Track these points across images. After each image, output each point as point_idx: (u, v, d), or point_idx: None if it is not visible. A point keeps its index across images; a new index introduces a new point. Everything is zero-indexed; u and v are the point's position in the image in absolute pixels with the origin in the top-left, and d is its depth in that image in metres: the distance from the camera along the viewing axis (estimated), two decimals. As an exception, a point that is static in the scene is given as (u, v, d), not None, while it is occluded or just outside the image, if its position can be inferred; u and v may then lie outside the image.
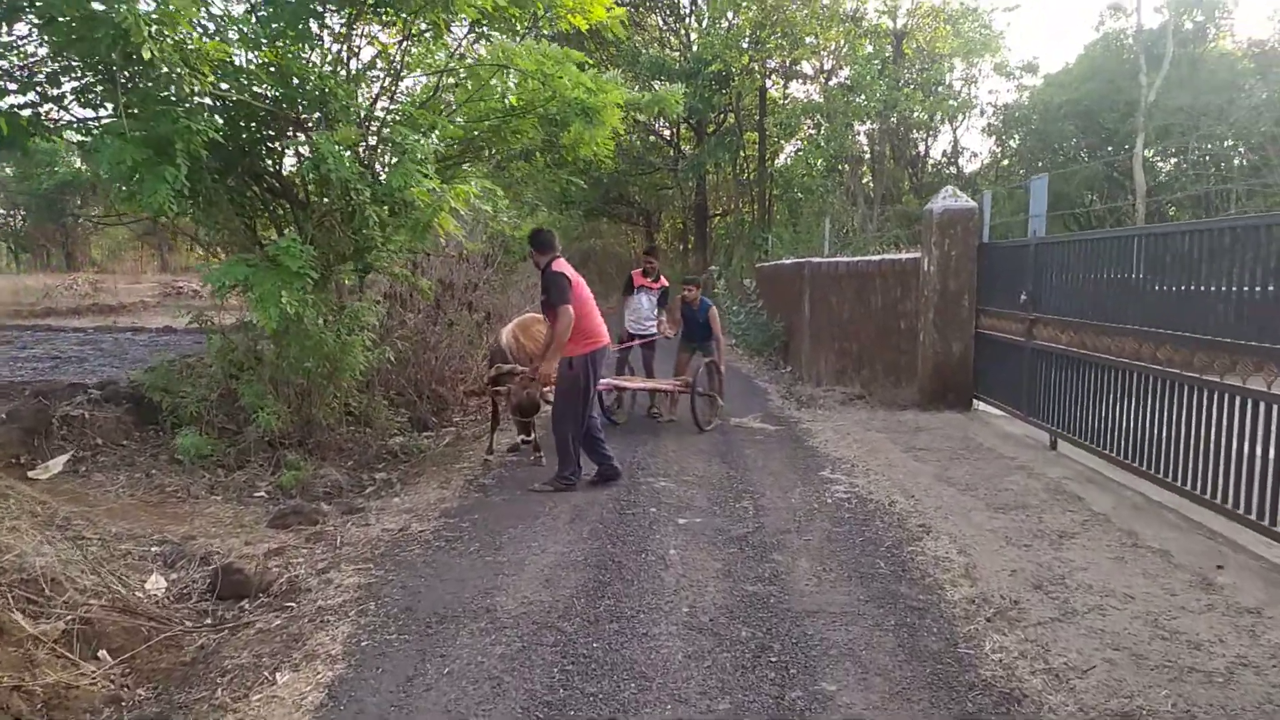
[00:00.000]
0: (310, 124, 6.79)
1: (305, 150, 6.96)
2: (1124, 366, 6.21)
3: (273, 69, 6.70)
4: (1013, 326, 8.27)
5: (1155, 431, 5.81)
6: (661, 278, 9.59)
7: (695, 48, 23.80)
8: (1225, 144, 22.78)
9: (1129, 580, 4.38)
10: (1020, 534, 5.17)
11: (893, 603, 4.20)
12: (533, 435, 7.15)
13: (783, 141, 25.20)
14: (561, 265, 6.32)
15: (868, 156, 26.34)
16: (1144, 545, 4.89)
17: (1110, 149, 24.93)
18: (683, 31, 26.66)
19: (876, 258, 11.17)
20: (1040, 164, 27.25)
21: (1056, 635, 3.78)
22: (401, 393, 9.91)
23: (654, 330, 9.46)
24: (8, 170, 36.83)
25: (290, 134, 7.08)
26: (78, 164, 9.94)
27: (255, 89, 6.67)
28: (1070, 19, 52.35)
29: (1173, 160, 26.45)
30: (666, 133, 29.94)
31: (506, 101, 8.53)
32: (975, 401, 9.30)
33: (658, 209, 33.72)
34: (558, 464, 6.42)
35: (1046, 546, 4.93)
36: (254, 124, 7.08)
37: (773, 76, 24.33)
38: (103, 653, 3.97)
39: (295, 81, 6.67)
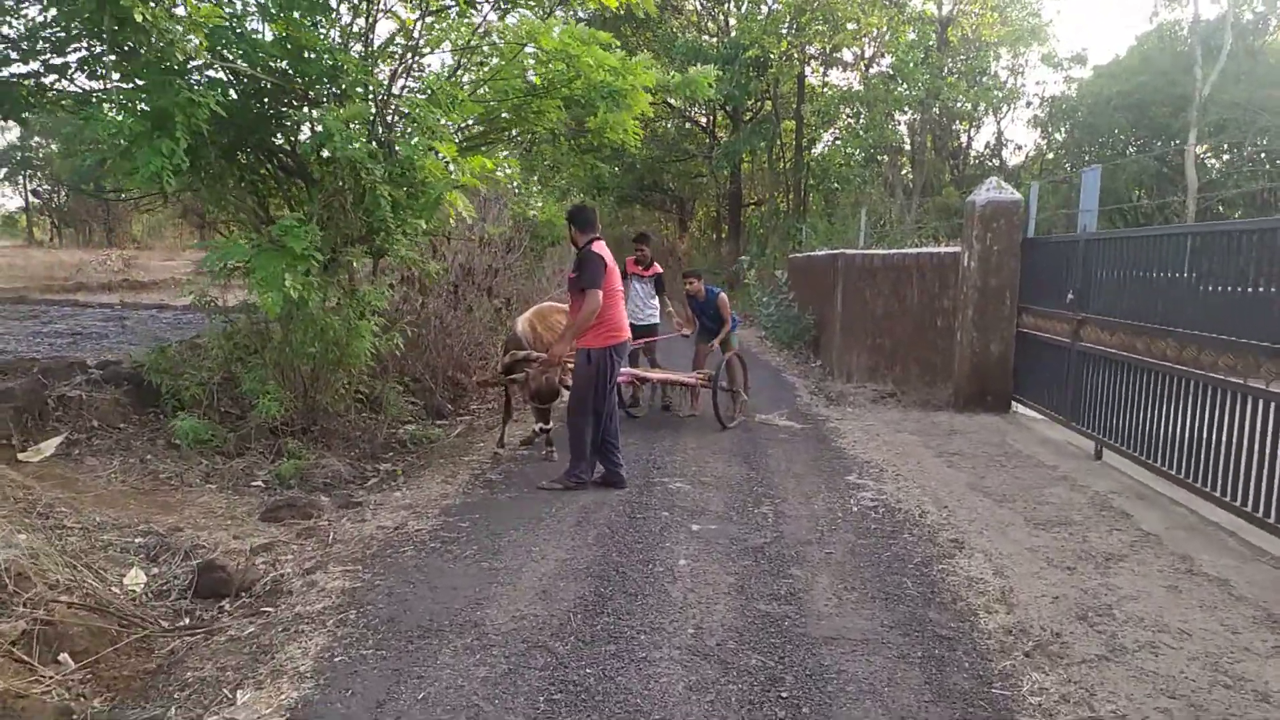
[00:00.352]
0: (321, 99, 6.49)
1: (319, 127, 6.68)
2: (1180, 374, 5.75)
3: (286, 41, 6.41)
4: (1057, 327, 7.81)
5: (1212, 445, 5.36)
6: (655, 264, 9.13)
7: (733, 33, 23.27)
8: (1283, 140, 21.88)
9: (1185, 614, 3.96)
10: (1063, 554, 4.75)
11: (920, 630, 3.82)
12: (550, 425, 6.85)
13: (820, 130, 24.61)
14: (600, 248, 5.95)
15: (908, 147, 25.73)
16: (1200, 573, 4.46)
17: (1161, 144, 24.12)
18: (720, 16, 26.13)
19: (914, 251, 10.71)
20: (1087, 158, 26.48)
21: (1103, 677, 3.38)
22: (418, 379, 9.64)
23: (654, 318, 9.09)
24: (52, 146, 37.24)
25: (299, 109, 6.79)
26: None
27: (266, 61, 6.38)
28: (1122, 9, 50.89)
29: (1225, 156, 25.56)
30: (702, 119, 29.47)
31: (530, 80, 8.19)
32: (1014, 404, 8.84)
33: (692, 197, 33.26)
34: (570, 460, 6.10)
35: (1092, 570, 4.51)
36: (265, 98, 6.81)
37: (812, 63, 23.77)
38: (64, 656, 3.69)
39: (306, 54, 6.38)
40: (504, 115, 8.59)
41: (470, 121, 8.88)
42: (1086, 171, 7.78)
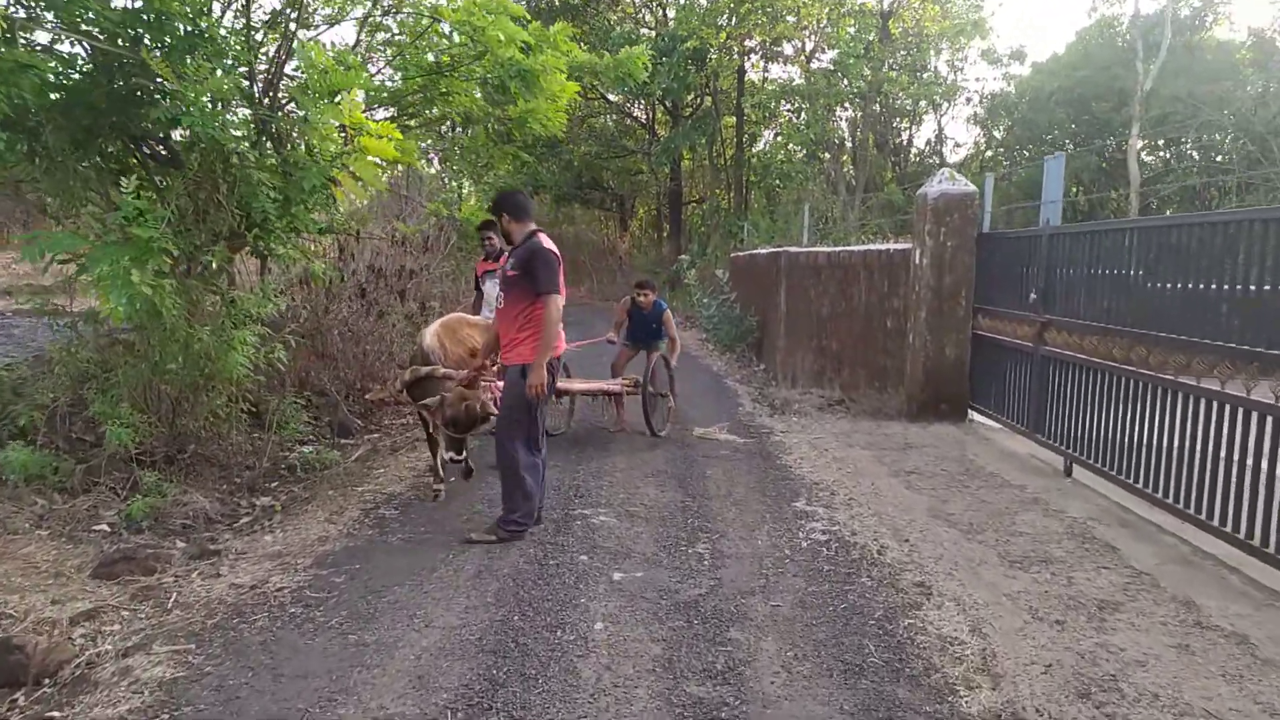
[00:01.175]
0: (187, 74, 5.52)
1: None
2: (1164, 384, 5.10)
3: (143, 9, 5.45)
4: (1019, 329, 7.16)
5: (1205, 466, 4.70)
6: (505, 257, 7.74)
7: (671, 24, 22.53)
8: (1223, 135, 21.81)
9: (1205, 684, 3.26)
10: (1048, 603, 4.04)
11: (888, 716, 3.06)
12: (462, 456, 5.75)
13: (761, 127, 24.00)
14: (549, 241, 4.97)
15: (849, 144, 25.25)
16: (1211, 625, 3.77)
17: (1101, 139, 23.96)
18: (658, 8, 25.37)
19: (860, 248, 10.04)
20: (1027, 154, 26.27)
21: (1126, 789, 2.65)
22: (324, 393, 8.70)
23: None
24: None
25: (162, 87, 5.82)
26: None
27: (119, 29, 5.41)
28: (1060, 5, 51.29)
29: (1163, 152, 25.54)
30: (641, 115, 28.70)
31: (437, 59, 7.32)
32: (970, 413, 8.19)
33: (632, 195, 32.46)
34: (504, 502, 4.96)
35: (1085, 624, 3.80)
36: (128, 76, 5.79)
37: (751, 56, 23.13)
38: None
39: (163, 21, 5.43)
40: (408, 97, 7.70)
41: (370, 107, 7.97)
42: (1049, 159, 7.14)
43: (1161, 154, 25.43)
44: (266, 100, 6.62)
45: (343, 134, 5.64)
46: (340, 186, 5.64)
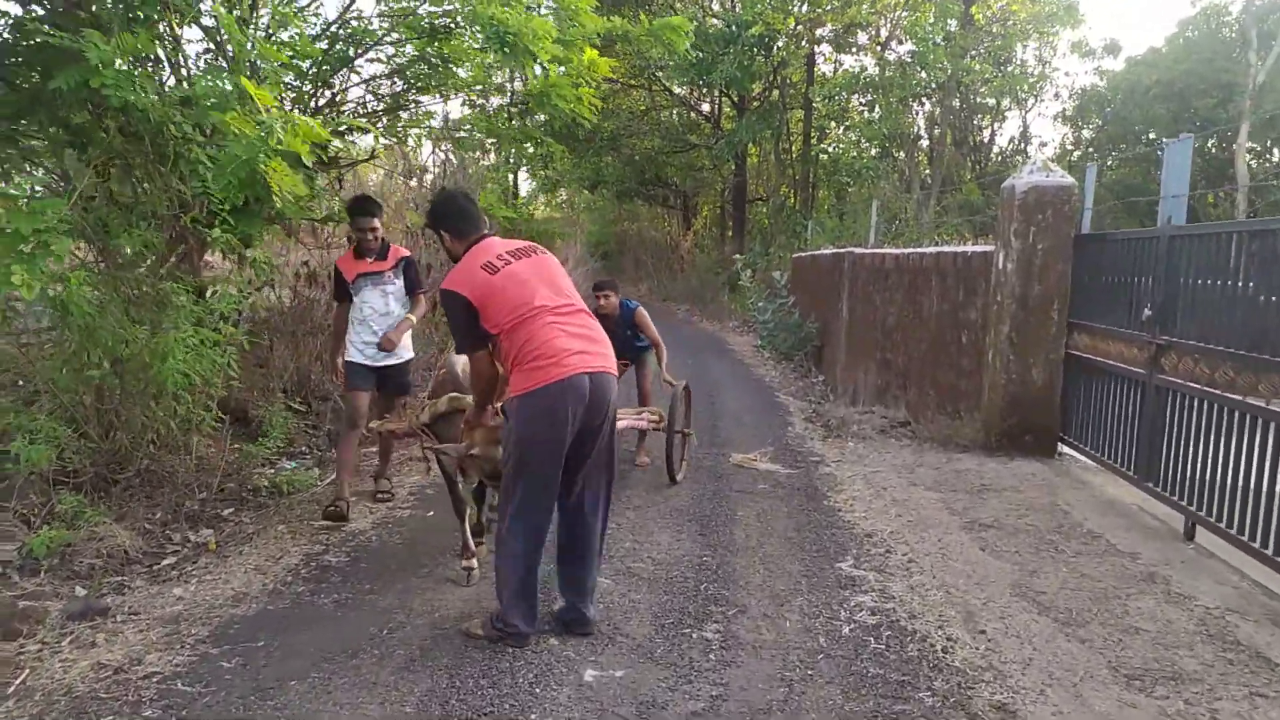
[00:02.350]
0: (104, 25, 4.61)
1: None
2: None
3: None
4: (1126, 352, 5.88)
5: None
6: (394, 248, 5.55)
7: (739, 7, 21.30)
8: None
9: None
10: (1188, 755, 2.85)
11: None
12: (482, 516, 4.52)
13: (830, 121, 22.64)
14: (465, 264, 3.60)
15: (925, 142, 23.77)
16: None
17: (1202, 137, 22.07)
18: (726, -6, 24.17)
19: (933, 250, 8.79)
20: (1119, 154, 24.45)
21: None
22: (326, 397, 7.85)
23: (396, 348, 5.45)
24: None
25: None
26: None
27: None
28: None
29: (1272, 153, 23.50)
30: (706, 107, 27.54)
31: (431, 23, 6.33)
32: (1061, 446, 6.91)
33: (695, 192, 31.32)
34: (497, 590, 3.60)
35: (1248, 802, 2.61)
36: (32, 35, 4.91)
37: (822, 45, 21.81)
38: None
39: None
40: (410, 69, 6.74)
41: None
42: (1171, 144, 5.83)
43: (1272, 155, 23.39)
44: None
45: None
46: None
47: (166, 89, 4.67)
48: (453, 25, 5.89)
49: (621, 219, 35.74)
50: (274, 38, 5.69)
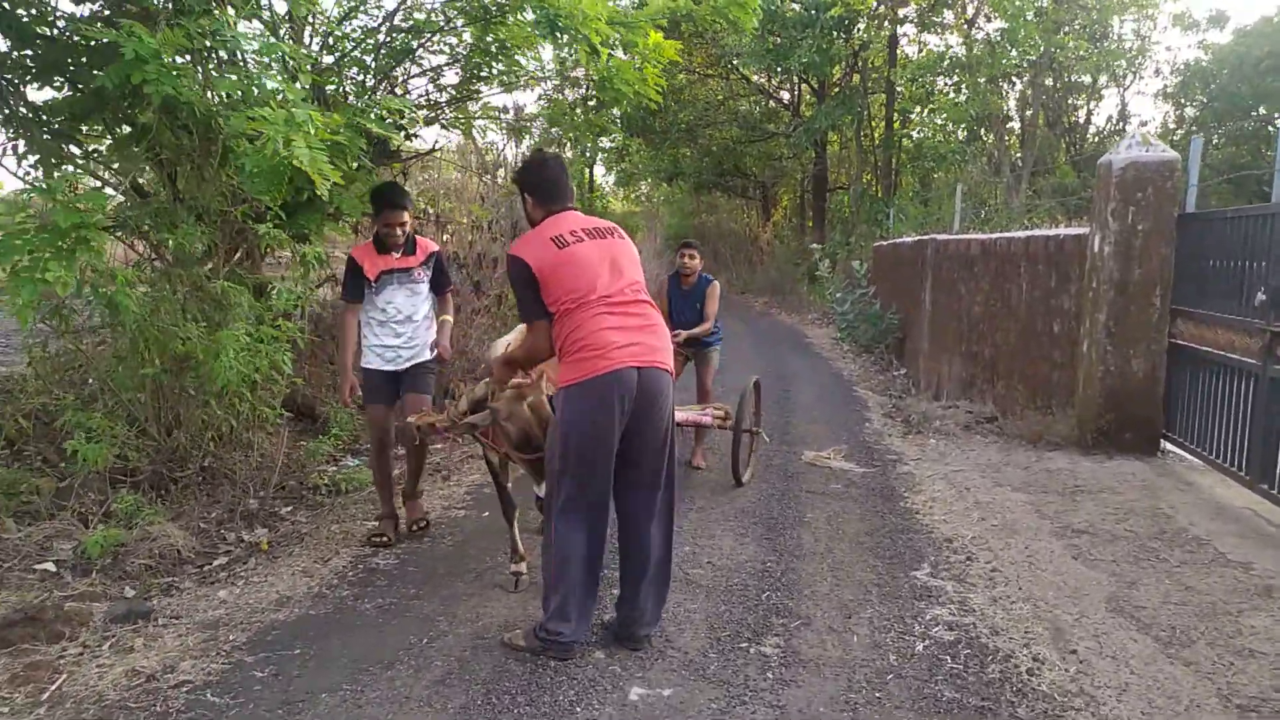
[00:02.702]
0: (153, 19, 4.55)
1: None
2: None
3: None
4: (1237, 340, 5.38)
5: None
6: (421, 240, 4.80)
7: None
8: None
9: None
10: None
11: None
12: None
13: (914, 104, 21.88)
14: (536, 233, 3.40)
15: (1016, 124, 22.77)
16: None
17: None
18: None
19: (1022, 234, 8.28)
20: (1224, 133, 23.07)
21: None
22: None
23: (424, 351, 4.78)
24: None
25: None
26: None
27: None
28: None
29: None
30: (785, 96, 26.97)
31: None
32: (1164, 444, 6.40)
33: (775, 181, 30.78)
34: (543, 595, 3.44)
35: None
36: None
37: (905, 25, 21.08)
38: None
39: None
40: (473, 59, 6.59)
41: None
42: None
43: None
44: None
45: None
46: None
47: (212, 84, 4.55)
48: (506, 6, 5.70)
49: (700, 211, 35.37)
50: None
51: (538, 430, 3.50)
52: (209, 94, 4.34)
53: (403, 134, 6.92)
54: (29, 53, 4.99)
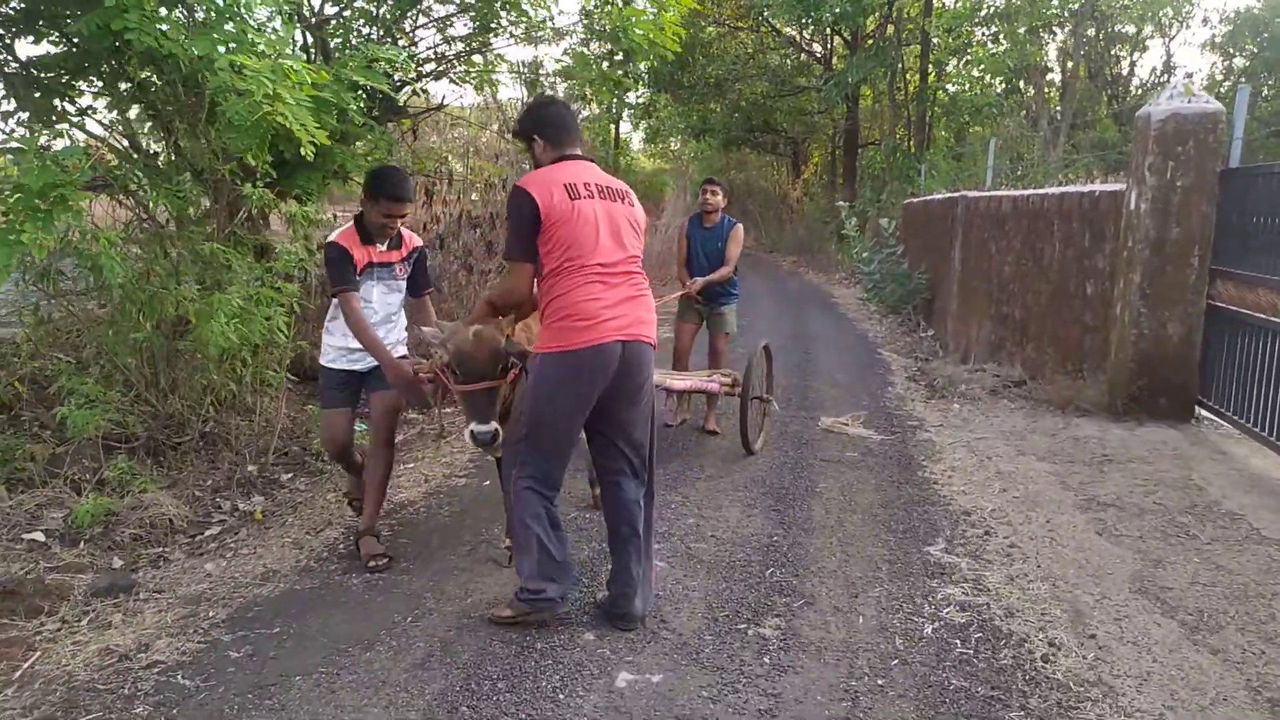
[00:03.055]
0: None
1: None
2: None
3: None
4: (1281, 303, 5.08)
5: None
6: (406, 234, 4.11)
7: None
8: None
9: None
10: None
11: None
12: (493, 429, 3.21)
13: (949, 54, 21.21)
14: (548, 173, 3.15)
15: (1055, 76, 22.02)
16: None
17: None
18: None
19: (1056, 191, 7.93)
20: (1275, 83, 22.15)
21: None
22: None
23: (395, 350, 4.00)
24: None
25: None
26: None
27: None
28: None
29: None
30: (818, 48, 26.28)
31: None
32: (1199, 410, 6.11)
33: (806, 138, 30.17)
34: (518, 559, 3.33)
35: None
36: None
37: (941, -27, 20.39)
38: None
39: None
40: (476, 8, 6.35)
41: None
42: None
43: None
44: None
45: None
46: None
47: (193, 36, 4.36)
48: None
49: (729, 168, 34.83)
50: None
51: (479, 359, 3.21)
52: (192, 47, 4.14)
53: (403, 87, 6.71)
54: (12, 3, 4.84)
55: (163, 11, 4.12)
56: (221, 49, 3.78)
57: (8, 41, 4.86)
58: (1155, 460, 5.25)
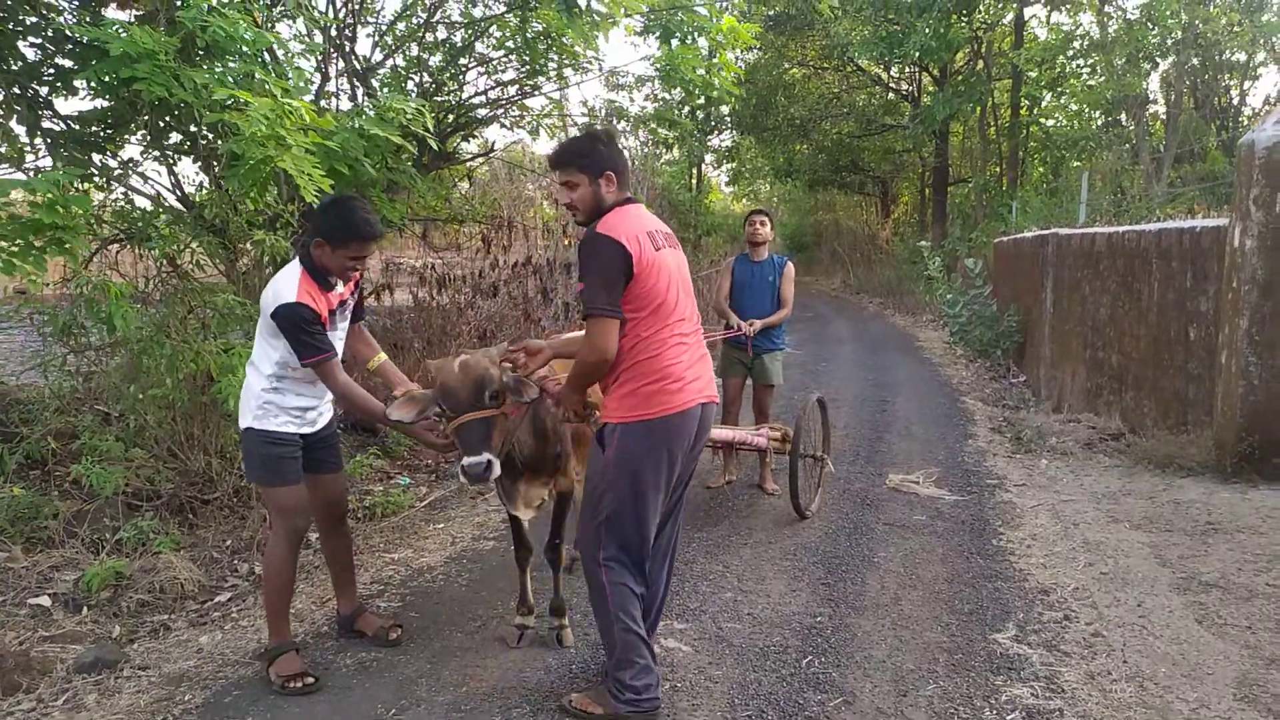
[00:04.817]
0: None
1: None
2: None
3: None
4: None
5: None
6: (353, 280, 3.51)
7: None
8: None
9: None
10: None
11: None
12: (485, 460, 2.90)
13: (1043, 89, 20.40)
14: (627, 219, 2.85)
15: (1160, 106, 20.94)
16: None
17: None
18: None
19: (1153, 227, 7.28)
20: None
21: None
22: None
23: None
24: None
25: None
26: None
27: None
28: None
29: None
30: (905, 86, 25.70)
31: None
32: (1323, 471, 5.40)
33: (894, 176, 29.47)
34: (614, 652, 2.94)
35: None
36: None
37: (1033, 4, 19.68)
38: None
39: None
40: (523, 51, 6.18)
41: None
42: None
43: None
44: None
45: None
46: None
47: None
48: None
49: (817, 209, 34.32)
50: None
51: (462, 391, 2.94)
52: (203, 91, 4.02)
53: (454, 133, 6.58)
54: (59, 63, 4.85)
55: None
56: (221, 81, 3.63)
57: (45, 97, 4.86)
58: (1268, 530, 4.59)
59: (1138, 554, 4.39)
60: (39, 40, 4.80)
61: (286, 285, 3.13)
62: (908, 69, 24.28)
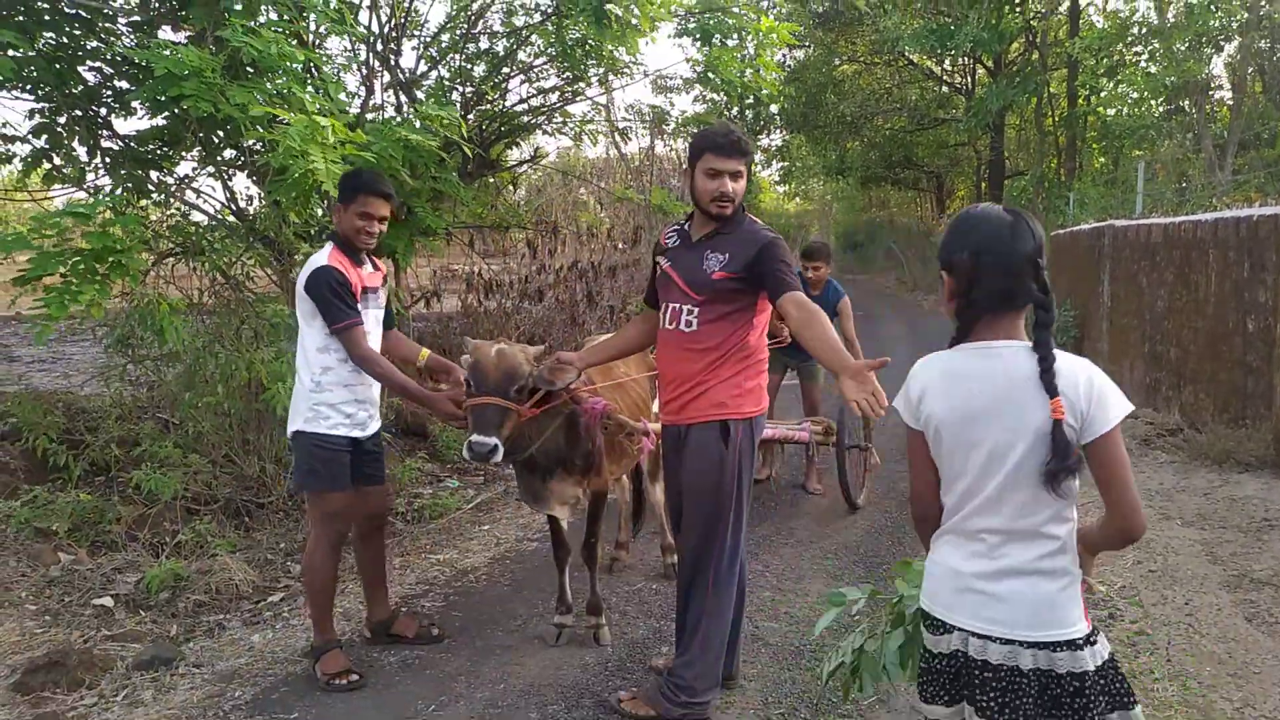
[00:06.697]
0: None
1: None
2: None
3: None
4: None
5: None
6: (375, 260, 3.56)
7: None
8: None
9: None
10: None
11: None
12: (494, 443, 2.93)
13: (1101, 78, 19.93)
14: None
15: (1225, 92, 20.30)
16: None
17: None
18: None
19: (1209, 217, 7.10)
20: None
21: None
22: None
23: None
24: None
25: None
26: None
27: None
28: None
29: None
30: (958, 80, 25.30)
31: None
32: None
33: (949, 171, 29.03)
34: (678, 649, 2.99)
35: None
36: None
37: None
38: None
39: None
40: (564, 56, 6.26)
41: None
42: None
43: None
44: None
45: None
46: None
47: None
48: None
49: (870, 206, 33.97)
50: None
51: (491, 374, 3.00)
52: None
53: (498, 140, 6.68)
54: (118, 85, 5.04)
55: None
56: (260, 97, 3.76)
57: (104, 118, 5.06)
58: (1330, 527, 4.46)
59: (1188, 551, 4.30)
60: (97, 64, 5.01)
61: (318, 256, 3.28)
62: (960, 61, 23.89)
